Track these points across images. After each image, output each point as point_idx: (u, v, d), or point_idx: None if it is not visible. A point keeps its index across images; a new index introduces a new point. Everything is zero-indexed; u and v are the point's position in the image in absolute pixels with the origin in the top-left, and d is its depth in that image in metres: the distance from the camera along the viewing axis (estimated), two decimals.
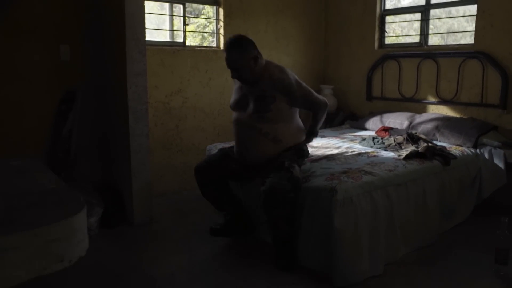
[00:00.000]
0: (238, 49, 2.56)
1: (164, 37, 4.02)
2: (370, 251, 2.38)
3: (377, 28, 4.59)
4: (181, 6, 3.93)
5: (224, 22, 4.17)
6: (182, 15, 3.93)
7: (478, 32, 3.74)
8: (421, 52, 4.19)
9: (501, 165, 3.28)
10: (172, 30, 3.99)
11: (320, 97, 2.86)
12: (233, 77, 2.65)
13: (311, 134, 2.94)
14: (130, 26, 2.96)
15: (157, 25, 3.99)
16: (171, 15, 3.95)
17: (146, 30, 3.09)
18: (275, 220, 2.44)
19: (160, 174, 3.82)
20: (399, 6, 4.56)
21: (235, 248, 2.83)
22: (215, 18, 4.20)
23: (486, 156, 3.30)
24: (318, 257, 2.42)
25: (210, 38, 4.30)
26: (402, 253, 2.66)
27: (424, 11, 4.22)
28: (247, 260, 2.63)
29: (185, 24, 3.96)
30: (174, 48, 3.86)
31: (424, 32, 4.24)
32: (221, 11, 4.17)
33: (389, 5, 4.59)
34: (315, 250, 2.43)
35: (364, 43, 4.70)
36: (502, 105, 3.59)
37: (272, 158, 2.62)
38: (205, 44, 4.30)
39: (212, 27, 4.27)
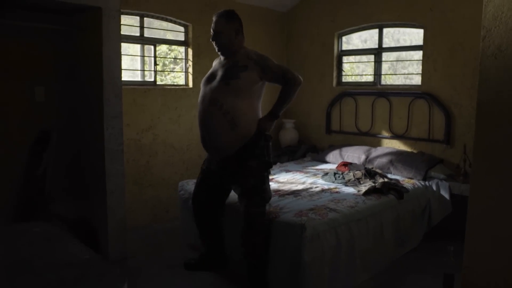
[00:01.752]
0: (226, 16, 2.76)
1: (132, 73, 4.18)
2: (331, 280, 2.63)
3: (335, 67, 4.96)
4: (152, 47, 4.12)
5: (193, 61, 4.39)
6: (153, 55, 4.12)
7: (424, 75, 4.17)
8: (375, 90, 4.59)
9: (447, 195, 3.65)
10: (143, 70, 4.16)
11: (295, 73, 2.79)
12: (212, 39, 2.78)
13: (272, 115, 2.76)
14: (107, 70, 3.11)
15: (128, 64, 4.15)
16: (143, 56, 4.12)
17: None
18: (252, 247, 2.65)
19: (131, 208, 3.92)
20: (355, 48, 4.97)
21: (211, 282, 2.97)
22: (184, 58, 4.42)
23: (434, 188, 3.67)
24: (287, 286, 2.62)
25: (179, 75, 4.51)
26: (361, 280, 2.92)
27: (377, 53, 4.63)
28: None
29: (155, 64, 4.15)
30: (146, 88, 4.03)
31: (377, 72, 4.64)
32: (190, 51, 4.39)
33: (345, 46, 4.99)
34: (284, 280, 2.63)
35: (323, 80, 5.05)
36: (446, 141, 4.01)
37: (234, 155, 2.71)
38: (175, 82, 4.49)
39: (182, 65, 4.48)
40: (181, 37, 4.39)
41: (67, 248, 1.26)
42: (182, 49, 4.45)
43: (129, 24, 3.98)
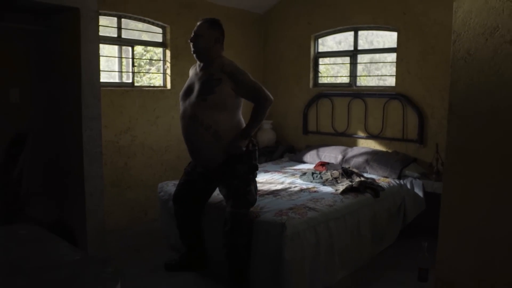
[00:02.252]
0: (209, 22, 2.80)
1: (108, 75, 4.15)
2: (311, 277, 2.69)
3: (311, 69, 5.05)
4: (129, 48, 4.10)
5: (171, 63, 4.39)
6: (131, 57, 4.10)
7: (398, 76, 4.30)
8: (350, 92, 4.69)
9: (420, 193, 3.77)
10: (121, 72, 4.13)
11: (267, 91, 2.81)
12: (190, 40, 2.80)
13: (244, 134, 2.77)
14: (86, 71, 3.08)
15: (103, 66, 4.12)
16: (120, 57, 4.10)
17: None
18: (235, 248, 2.69)
19: (110, 210, 3.89)
20: (330, 50, 5.07)
21: (193, 282, 2.99)
22: (162, 59, 4.41)
23: (408, 186, 3.78)
24: (268, 285, 2.67)
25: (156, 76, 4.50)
26: (340, 277, 3.00)
27: (352, 55, 4.74)
28: None
29: (133, 65, 4.13)
30: (123, 89, 4.01)
31: (353, 74, 4.75)
32: (168, 52, 4.39)
33: (321, 48, 5.08)
34: (266, 279, 2.68)
35: (300, 81, 5.13)
36: (419, 140, 4.14)
37: (223, 163, 2.77)
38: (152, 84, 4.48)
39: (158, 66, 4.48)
40: (158, 38, 4.38)
41: (57, 249, 1.26)
42: (157, 50, 4.44)
43: (106, 25, 3.95)
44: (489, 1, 2.26)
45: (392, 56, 4.43)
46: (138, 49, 4.36)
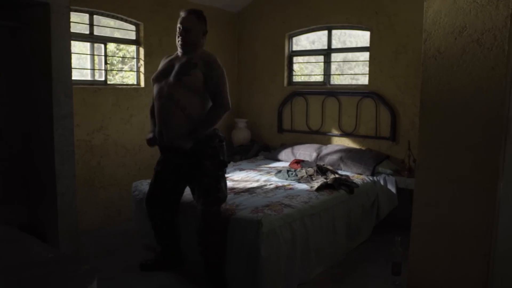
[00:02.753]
0: (198, 15, 2.83)
1: (79, 73, 4.07)
2: (287, 274, 2.72)
3: (286, 67, 5.08)
4: (102, 45, 4.03)
5: (145, 60, 4.34)
6: (103, 54, 4.03)
7: (371, 75, 4.37)
8: (324, 90, 4.74)
9: (393, 190, 3.85)
10: (93, 69, 4.05)
11: (228, 99, 2.81)
12: (180, 34, 2.80)
13: (192, 132, 2.72)
14: (57, 68, 3.01)
15: (78, 63, 4.04)
16: (93, 55, 4.02)
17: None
18: (210, 246, 2.69)
19: (83, 211, 3.81)
20: (303, 48, 5.11)
21: (168, 282, 2.96)
22: (135, 57, 4.35)
23: (382, 182, 3.86)
24: (245, 282, 2.68)
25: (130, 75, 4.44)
26: (316, 273, 3.03)
27: (326, 54, 4.79)
28: None
29: (106, 63, 4.06)
30: (96, 87, 3.94)
31: (327, 72, 4.80)
32: (142, 50, 4.33)
33: (295, 47, 5.12)
34: (243, 276, 2.68)
35: (274, 80, 5.16)
36: (392, 138, 4.22)
37: (190, 153, 2.73)
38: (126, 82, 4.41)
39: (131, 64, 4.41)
40: (131, 35, 4.32)
41: (31, 248, 1.24)
42: (130, 48, 4.38)
43: (77, 21, 3.87)
44: (458, 1, 2.34)
45: (365, 55, 4.51)
46: (111, 47, 4.28)
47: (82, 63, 4.10)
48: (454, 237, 2.45)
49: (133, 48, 4.36)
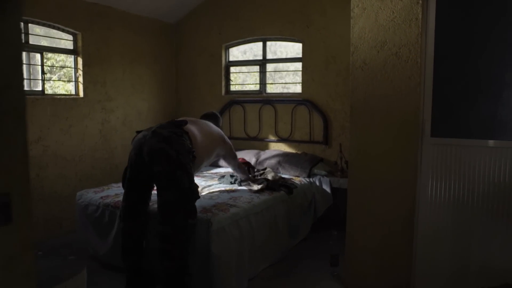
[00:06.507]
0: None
1: None
2: (237, 269, 2.89)
3: (223, 77, 5.28)
4: (38, 55, 3.97)
5: (83, 70, 4.32)
6: (40, 64, 3.97)
7: (304, 83, 4.70)
8: (261, 98, 5.00)
9: (328, 189, 4.17)
10: (30, 79, 3.97)
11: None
12: None
13: None
14: None
15: None
16: (29, 64, 3.94)
17: None
18: (184, 258, 2.68)
19: None
20: (236, 59, 5.35)
21: None
22: (73, 67, 4.32)
23: (317, 183, 4.16)
24: (199, 279, 2.78)
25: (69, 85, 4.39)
26: (261, 268, 3.24)
27: (261, 64, 5.06)
28: None
29: (43, 73, 4.00)
30: (33, 97, 3.86)
31: (262, 82, 5.07)
32: (80, 60, 4.31)
33: (232, 57, 5.34)
34: (196, 273, 2.77)
35: (212, 89, 5.33)
36: (324, 142, 4.56)
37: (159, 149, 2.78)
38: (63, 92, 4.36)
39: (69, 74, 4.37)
40: (69, 45, 4.28)
41: None
42: (58, 57, 4.33)
43: None
44: (379, 20, 2.68)
45: (296, 65, 4.84)
46: (49, 56, 4.22)
47: None
48: (383, 227, 2.78)
49: (61, 57, 4.33)
